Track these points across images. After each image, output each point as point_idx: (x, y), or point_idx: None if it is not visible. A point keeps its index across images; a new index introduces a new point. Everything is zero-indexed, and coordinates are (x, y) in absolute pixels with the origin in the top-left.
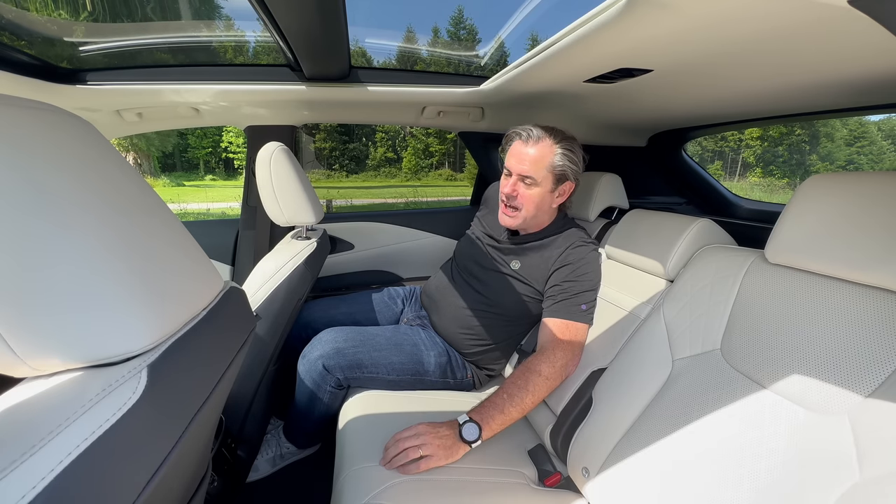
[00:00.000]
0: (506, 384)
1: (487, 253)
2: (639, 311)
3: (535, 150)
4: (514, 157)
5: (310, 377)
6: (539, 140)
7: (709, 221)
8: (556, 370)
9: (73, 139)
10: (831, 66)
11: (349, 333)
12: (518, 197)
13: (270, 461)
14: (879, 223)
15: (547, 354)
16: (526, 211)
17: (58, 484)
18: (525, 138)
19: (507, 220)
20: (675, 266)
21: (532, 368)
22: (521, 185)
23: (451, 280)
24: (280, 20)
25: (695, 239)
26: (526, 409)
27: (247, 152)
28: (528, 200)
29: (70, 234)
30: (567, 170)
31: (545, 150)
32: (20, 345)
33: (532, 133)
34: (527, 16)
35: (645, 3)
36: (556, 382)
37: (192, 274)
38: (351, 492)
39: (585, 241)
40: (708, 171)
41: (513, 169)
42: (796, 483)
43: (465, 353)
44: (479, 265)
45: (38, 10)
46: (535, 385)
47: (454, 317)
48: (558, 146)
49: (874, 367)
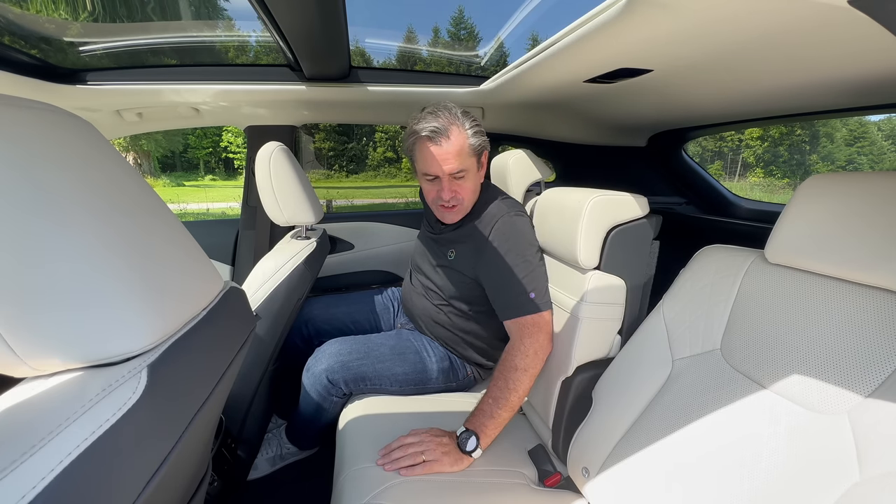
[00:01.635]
0: (489, 388)
1: (432, 246)
2: (578, 311)
3: (450, 144)
4: (434, 160)
5: (315, 390)
6: (448, 132)
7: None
8: (529, 359)
9: (74, 139)
10: (831, 66)
11: (353, 345)
12: (458, 194)
13: (271, 461)
14: (879, 223)
15: (517, 347)
16: (468, 201)
17: (58, 484)
18: (433, 139)
19: (451, 217)
20: (588, 255)
21: (508, 366)
22: (453, 183)
23: (412, 283)
24: (280, 20)
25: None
26: (515, 407)
27: (247, 152)
28: (466, 191)
29: (70, 234)
30: (483, 142)
31: (459, 138)
32: (20, 345)
33: (438, 129)
34: (527, 15)
35: (645, 3)
36: (535, 370)
37: (192, 274)
38: (351, 492)
39: (506, 212)
40: (708, 171)
41: (439, 172)
42: (796, 483)
43: (455, 351)
44: (427, 262)
45: (38, 10)
46: (516, 381)
47: (426, 319)
48: (467, 126)
49: (874, 367)
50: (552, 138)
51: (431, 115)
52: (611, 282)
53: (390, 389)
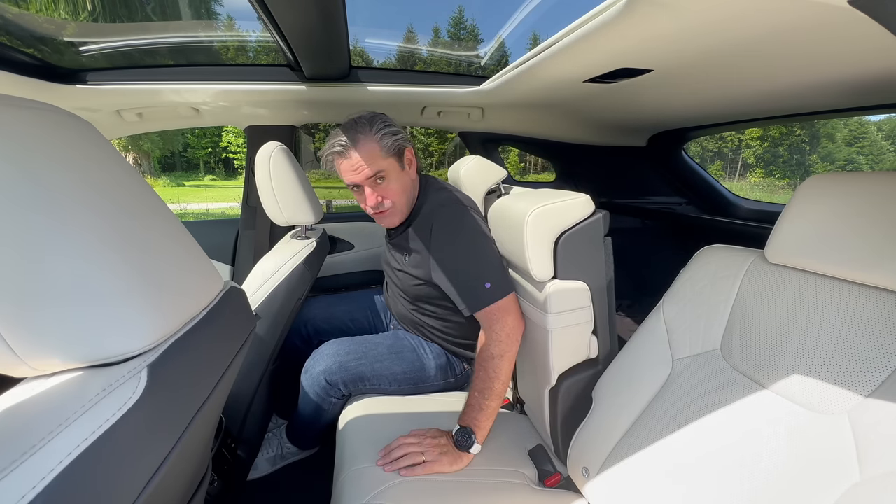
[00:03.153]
0: (473, 381)
1: (391, 252)
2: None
3: (358, 152)
4: (349, 172)
5: (313, 391)
6: (355, 143)
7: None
8: (504, 344)
9: (74, 139)
10: (831, 66)
11: (350, 346)
12: (383, 199)
13: (271, 460)
14: (879, 223)
15: (489, 335)
16: (398, 203)
17: (58, 484)
18: (342, 153)
19: (387, 221)
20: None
21: (484, 356)
22: (376, 187)
23: (386, 288)
24: (280, 20)
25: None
26: (501, 394)
27: (247, 152)
28: (393, 193)
29: (70, 234)
30: (397, 141)
31: (367, 144)
32: (20, 345)
33: (343, 143)
34: (527, 15)
35: (645, 3)
36: (512, 353)
37: (193, 273)
38: (351, 492)
39: (442, 204)
40: (708, 172)
41: (357, 180)
42: (796, 483)
43: (444, 348)
44: (389, 266)
45: (38, 10)
46: (496, 369)
47: (405, 321)
48: (373, 132)
49: (874, 367)
50: (552, 138)
51: (341, 128)
52: (572, 286)
53: (389, 389)
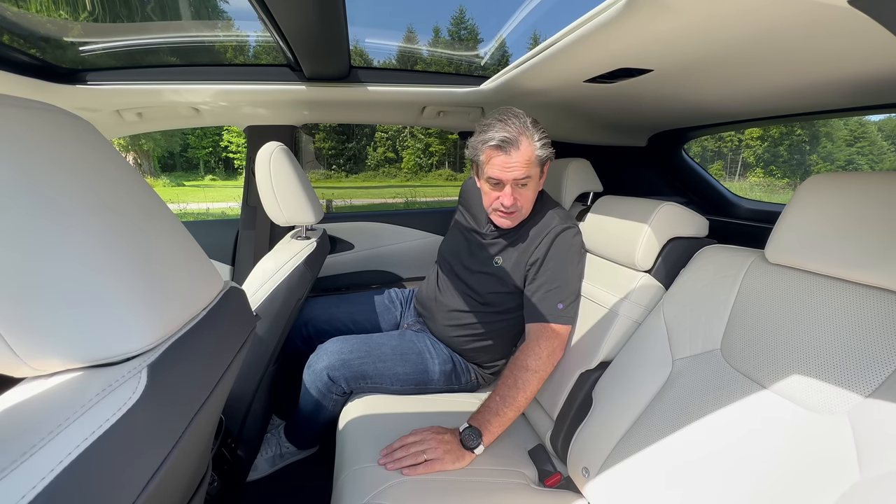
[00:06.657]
0: (498, 386)
1: (473, 248)
2: (617, 308)
3: (519, 154)
4: (501, 167)
5: (315, 387)
6: (518, 142)
7: (673, 205)
8: (542, 361)
9: (73, 139)
10: (831, 66)
11: (354, 343)
12: (518, 201)
13: (270, 461)
14: (879, 223)
15: (531, 347)
16: (526, 209)
17: (58, 484)
18: (503, 147)
19: (506, 222)
20: (646, 256)
21: (519, 365)
22: (517, 190)
23: (438, 282)
24: (280, 20)
25: (661, 225)
26: (521, 407)
27: (247, 152)
28: (527, 199)
29: (70, 234)
30: (549, 154)
31: (528, 148)
32: (20, 345)
33: (508, 140)
34: (527, 15)
35: (645, 3)
36: (545, 374)
37: (193, 274)
38: (351, 491)
39: (561, 225)
40: (708, 171)
41: (504, 178)
42: (796, 483)
43: (465, 353)
44: (465, 261)
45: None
46: (525, 381)
47: (448, 318)
48: (536, 139)
49: (874, 368)
50: (552, 138)
51: (501, 122)
52: (656, 288)
53: (391, 388)
